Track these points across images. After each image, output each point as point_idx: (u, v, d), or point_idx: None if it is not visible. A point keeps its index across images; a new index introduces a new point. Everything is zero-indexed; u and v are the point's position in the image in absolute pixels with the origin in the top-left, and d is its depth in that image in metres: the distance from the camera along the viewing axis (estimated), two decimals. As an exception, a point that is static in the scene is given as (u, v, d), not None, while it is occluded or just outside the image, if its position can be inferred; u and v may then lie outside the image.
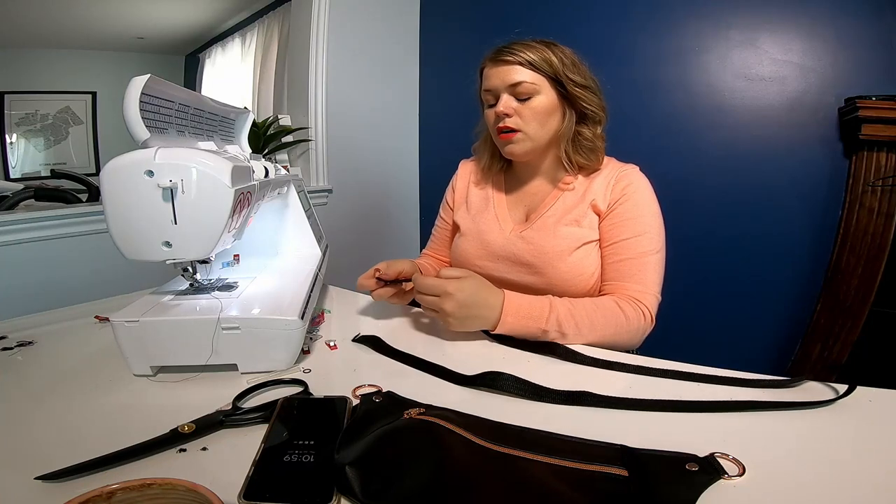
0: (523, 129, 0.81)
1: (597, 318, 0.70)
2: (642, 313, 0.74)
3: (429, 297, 0.69)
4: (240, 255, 0.82)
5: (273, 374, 0.58)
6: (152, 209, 0.51)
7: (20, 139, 3.87)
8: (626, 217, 0.80)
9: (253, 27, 3.49)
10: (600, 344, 0.69)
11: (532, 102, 0.80)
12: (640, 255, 0.78)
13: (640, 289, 0.76)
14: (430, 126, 2.31)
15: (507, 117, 0.81)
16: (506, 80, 0.80)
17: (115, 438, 0.42)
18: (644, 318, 0.74)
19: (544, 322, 0.68)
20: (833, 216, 1.39)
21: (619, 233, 0.80)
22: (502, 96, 0.81)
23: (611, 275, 0.80)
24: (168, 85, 0.55)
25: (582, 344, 0.69)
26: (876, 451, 0.41)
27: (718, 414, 0.47)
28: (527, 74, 0.79)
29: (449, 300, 0.66)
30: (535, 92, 0.80)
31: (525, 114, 0.80)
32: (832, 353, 1.36)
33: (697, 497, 0.35)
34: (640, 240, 0.79)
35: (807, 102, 1.41)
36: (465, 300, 0.67)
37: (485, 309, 0.68)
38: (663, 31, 1.61)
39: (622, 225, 0.80)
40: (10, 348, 0.66)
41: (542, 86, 0.80)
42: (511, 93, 0.80)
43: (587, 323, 0.69)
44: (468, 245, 0.91)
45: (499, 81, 0.81)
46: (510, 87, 0.80)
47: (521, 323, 0.68)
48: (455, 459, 0.39)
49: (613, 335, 0.71)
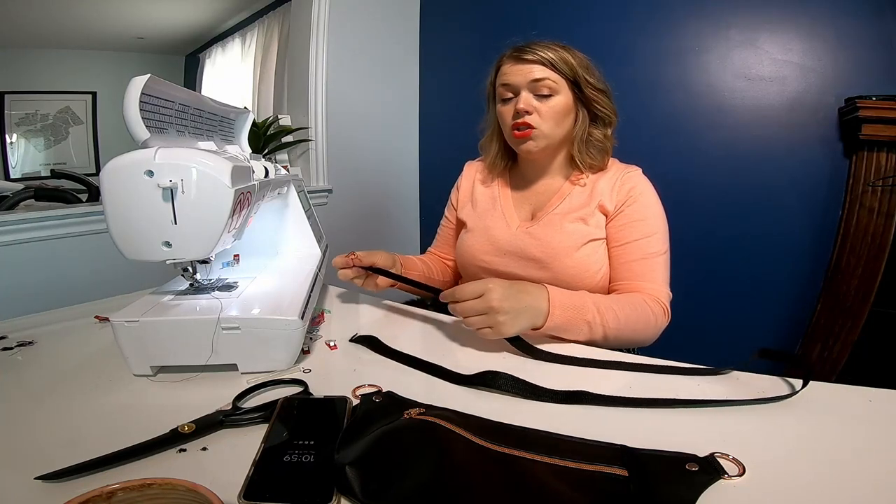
0: (540, 126, 0.82)
1: (630, 313, 0.72)
2: (662, 310, 0.77)
3: (471, 303, 0.63)
4: (240, 255, 0.82)
5: (273, 374, 0.58)
6: (152, 209, 0.51)
7: (20, 139, 3.87)
8: (634, 219, 0.82)
9: (253, 27, 3.49)
10: (629, 339, 0.72)
11: (551, 101, 0.81)
12: (651, 256, 0.80)
13: (655, 287, 0.79)
14: (430, 126, 2.31)
15: (526, 114, 0.81)
16: (527, 77, 0.81)
17: (115, 438, 0.42)
18: (664, 314, 0.77)
19: (588, 313, 0.68)
20: (833, 216, 1.39)
21: (628, 234, 0.81)
22: (522, 93, 0.82)
23: (624, 275, 0.81)
24: (168, 85, 0.55)
25: (613, 340, 0.70)
26: (876, 451, 0.41)
27: (719, 414, 0.48)
28: (548, 73, 0.80)
29: (493, 294, 0.62)
30: (555, 91, 0.81)
31: (543, 112, 0.82)
32: (832, 353, 1.36)
33: (697, 497, 0.35)
34: (649, 241, 0.81)
35: (807, 102, 1.41)
36: (509, 292, 0.64)
37: (531, 298, 0.65)
38: (663, 31, 1.61)
39: (631, 227, 0.82)
40: (10, 348, 0.66)
41: (560, 85, 0.81)
42: (531, 90, 0.81)
43: (622, 316, 0.70)
44: (474, 241, 0.91)
45: (520, 78, 0.82)
46: (531, 84, 0.81)
47: (568, 315, 0.67)
48: (455, 459, 0.39)
49: (643, 329, 0.74)
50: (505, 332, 0.63)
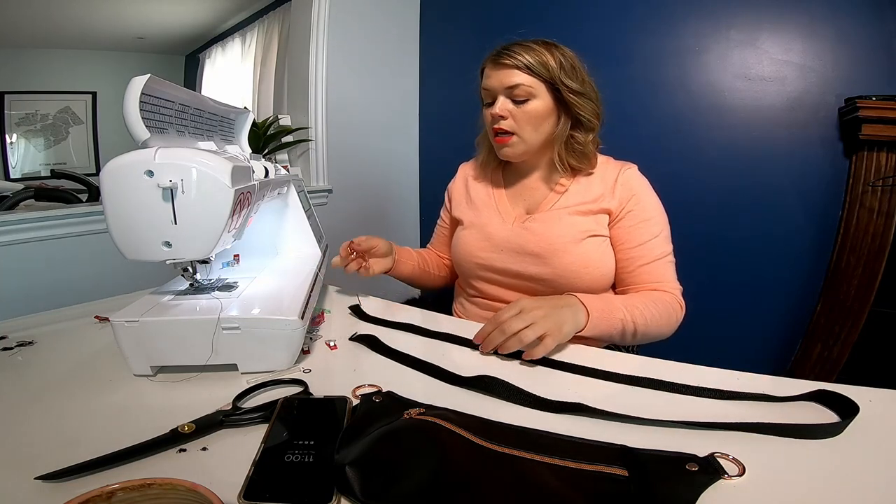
0: (517, 132, 0.82)
1: (654, 310, 0.74)
2: (679, 305, 0.80)
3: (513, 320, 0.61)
4: (240, 255, 0.82)
5: (273, 374, 0.58)
6: (152, 209, 0.51)
7: (20, 139, 3.87)
8: (641, 219, 0.83)
9: (253, 27, 3.49)
10: (654, 335, 0.75)
11: (527, 106, 0.81)
12: (662, 255, 0.82)
13: (670, 284, 0.81)
14: (430, 126, 2.31)
15: (502, 119, 0.82)
16: (503, 83, 0.81)
17: (115, 438, 0.42)
18: (681, 308, 0.80)
19: (618, 311, 0.70)
20: (833, 216, 1.39)
21: (637, 236, 0.82)
22: (499, 98, 0.82)
23: (640, 278, 0.82)
24: (168, 85, 0.55)
25: (640, 336, 0.72)
26: (876, 451, 0.41)
27: (719, 415, 0.47)
28: (523, 78, 0.79)
29: (528, 303, 0.62)
30: (530, 96, 0.80)
31: (520, 117, 0.81)
32: (832, 353, 1.36)
33: (697, 497, 0.35)
34: (658, 241, 0.82)
35: (807, 102, 1.41)
36: (541, 301, 0.64)
37: (562, 301, 0.67)
38: (663, 30, 1.61)
39: (639, 228, 0.82)
40: (10, 348, 0.66)
41: (538, 90, 0.80)
42: (508, 95, 0.81)
43: (648, 314, 0.73)
44: (470, 237, 0.91)
45: (496, 83, 0.81)
46: (507, 90, 0.81)
47: (604, 317, 0.68)
48: (455, 459, 0.39)
49: (666, 324, 0.76)
50: (564, 332, 0.62)
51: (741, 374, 0.56)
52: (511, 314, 0.62)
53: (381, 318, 0.77)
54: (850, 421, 0.44)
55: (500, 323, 0.62)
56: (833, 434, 0.43)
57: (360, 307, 0.81)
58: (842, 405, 0.47)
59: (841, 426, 0.44)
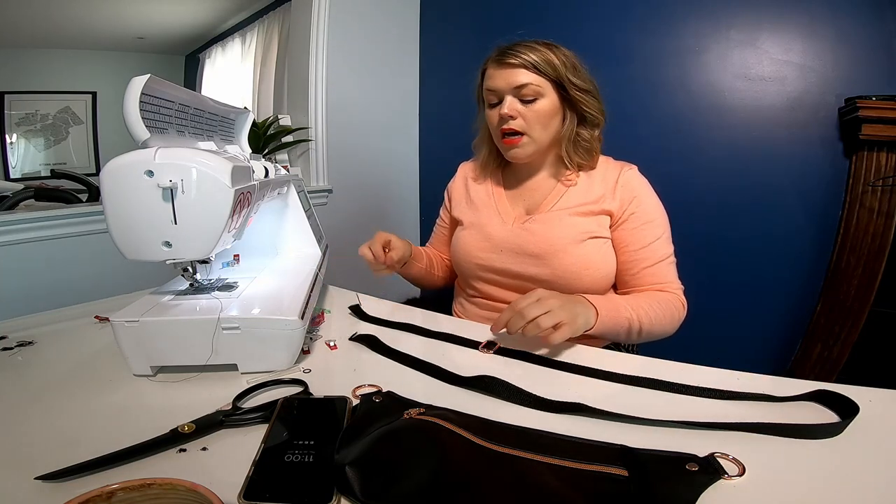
0: (528, 132, 0.82)
1: (658, 309, 0.75)
2: (682, 304, 0.81)
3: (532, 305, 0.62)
4: (240, 255, 0.82)
5: (273, 374, 0.58)
6: (152, 209, 0.51)
7: (20, 139, 3.87)
8: (643, 221, 0.83)
9: (253, 27, 3.48)
10: (659, 334, 0.76)
11: (536, 105, 0.81)
12: (665, 257, 0.83)
13: (674, 285, 0.82)
14: (430, 126, 2.31)
15: (511, 119, 0.81)
16: (511, 83, 0.80)
17: (115, 438, 0.42)
18: (683, 307, 0.81)
19: (624, 310, 0.71)
20: (833, 216, 1.38)
21: (640, 239, 0.82)
22: (507, 98, 0.81)
23: (643, 280, 0.82)
24: (168, 85, 0.55)
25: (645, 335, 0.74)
26: (876, 451, 0.41)
27: (719, 415, 0.47)
28: (531, 77, 0.79)
29: (545, 292, 0.63)
30: (538, 95, 0.80)
31: (529, 116, 0.81)
32: (832, 353, 1.36)
33: (697, 497, 0.35)
34: (660, 242, 0.83)
35: (807, 102, 1.41)
36: (553, 294, 0.64)
37: (572, 297, 0.67)
38: (663, 30, 1.61)
39: (641, 230, 0.83)
40: (10, 348, 0.66)
41: (545, 89, 0.80)
42: (516, 95, 0.81)
43: (652, 313, 0.74)
44: (470, 237, 0.91)
45: (503, 83, 0.81)
46: (515, 90, 0.80)
47: (612, 315, 0.69)
48: (455, 459, 0.39)
49: (669, 323, 0.77)
50: (579, 324, 0.63)
51: (741, 374, 0.56)
52: (530, 301, 0.63)
53: (381, 318, 0.78)
54: (850, 421, 0.44)
55: (520, 309, 0.62)
56: (833, 434, 0.43)
57: (360, 307, 0.82)
58: (842, 405, 0.47)
59: (841, 426, 0.44)
